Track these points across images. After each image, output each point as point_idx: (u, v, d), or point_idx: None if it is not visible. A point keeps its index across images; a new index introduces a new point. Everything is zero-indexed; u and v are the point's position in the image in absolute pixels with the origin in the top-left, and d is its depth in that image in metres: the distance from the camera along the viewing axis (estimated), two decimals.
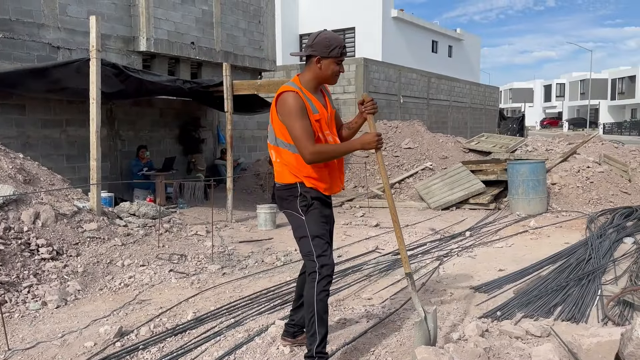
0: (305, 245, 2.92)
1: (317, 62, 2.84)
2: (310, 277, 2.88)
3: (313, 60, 2.85)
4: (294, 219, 2.97)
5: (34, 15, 8.76)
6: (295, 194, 2.93)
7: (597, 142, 13.57)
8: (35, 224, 5.29)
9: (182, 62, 11.39)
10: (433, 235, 7.11)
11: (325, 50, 2.82)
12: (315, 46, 2.83)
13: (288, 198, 2.97)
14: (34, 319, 4.05)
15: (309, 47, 2.85)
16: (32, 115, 8.62)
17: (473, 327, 3.40)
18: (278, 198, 3.08)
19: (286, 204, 2.99)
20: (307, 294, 2.89)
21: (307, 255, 2.91)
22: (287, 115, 2.80)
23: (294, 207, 2.95)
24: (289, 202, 2.97)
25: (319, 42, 2.83)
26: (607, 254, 5.56)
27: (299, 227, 2.95)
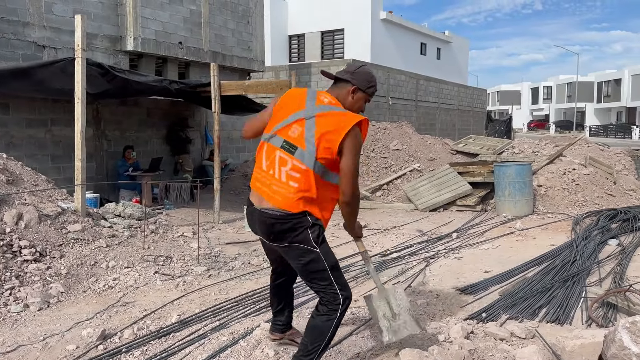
0: (323, 279, 2.69)
1: (352, 91, 2.82)
2: (329, 310, 2.69)
3: (348, 89, 2.82)
4: (303, 252, 2.66)
5: (19, 13, 8.66)
6: (305, 225, 2.63)
7: (583, 144, 13.71)
8: (18, 225, 5.21)
9: (169, 62, 11.32)
10: (420, 237, 7.12)
11: (365, 84, 2.84)
12: (356, 76, 2.83)
13: (297, 229, 2.63)
14: (15, 322, 3.99)
15: (348, 73, 2.85)
16: (17, 115, 8.52)
17: (458, 329, 3.40)
18: (281, 231, 2.65)
19: (293, 236, 2.64)
20: (323, 325, 2.70)
21: (327, 288, 2.69)
22: (354, 150, 2.64)
23: (305, 239, 2.63)
24: (297, 233, 2.63)
25: (361, 73, 2.85)
26: (591, 256, 5.60)
27: (312, 261, 2.66)
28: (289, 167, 2.64)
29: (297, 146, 2.64)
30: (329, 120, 2.66)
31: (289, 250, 2.70)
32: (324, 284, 2.69)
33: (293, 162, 2.63)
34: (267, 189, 2.70)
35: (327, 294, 2.69)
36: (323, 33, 25.20)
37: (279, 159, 2.68)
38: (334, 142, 2.61)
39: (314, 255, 2.66)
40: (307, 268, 2.69)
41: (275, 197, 2.65)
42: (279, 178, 2.66)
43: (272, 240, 2.72)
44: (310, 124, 2.66)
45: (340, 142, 2.61)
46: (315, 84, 17.73)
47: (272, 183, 2.69)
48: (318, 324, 2.72)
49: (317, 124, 2.65)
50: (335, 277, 2.70)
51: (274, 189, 2.67)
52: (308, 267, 2.68)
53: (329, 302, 2.69)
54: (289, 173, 2.64)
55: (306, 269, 2.70)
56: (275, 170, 2.69)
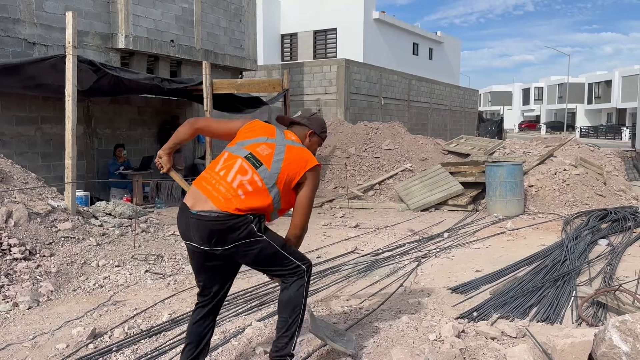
0: (279, 260, 2.74)
1: (309, 134, 3.00)
2: (297, 278, 2.77)
3: (306, 132, 2.99)
4: (250, 245, 2.65)
5: (9, 10, 8.58)
6: (247, 221, 2.62)
7: (573, 145, 13.81)
8: (7, 223, 5.16)
9: (161, 60, 11.27)
10: (412, 237, 7.14)
11: (320, 129, 3.05)
12: (312, 121, 3.03)
13: (239, 227, 2.60)
14: (4, 321, 3.95)
15: (305, 118, 3.03)
16: (6, 112, 8.44)
17: (449, 328, 3.41)
18: (222, 231, 2.58)
19: (237, 235, 2.60)
20: (294, 295, 2.76)
21: (286, 266, 2.76)
22: (313, 188, 2.80)
23: (249, 233, 2.62)
24: (241, 231, 2.61)
25: (317, 119, 3.07)
26: (582, 256, 5.64)
27: (262, 249, 2.68)
28: (247, 178, 2.66)
29: (262, 163, 2.71)
30: (297, 153, 2.80)
31: (236, 250, 2.64)
32: (282, 264, 2.75)
33: (253, 176, 2.67)
34: (211, 187, 2.66)
35: (289, 270, 2.77)
36: (315, 32, 25.18)
37: (240, 166, 2.70)
38: (298, 173, 2.75)
39: (262, 243, 2.67)
40: (260, 257, 2.70)
41: (217, 197, 2.61)
42: (230, 182, 2.65)
43: (214, 245, 2.61)
44: (280, 150, 2.78)
45: (302, 175, 2.75)
46: (308, 83, 17.73)
47: (218, 183, 2.66)
48: (291, 296, 2.77)
49: (286, 152, 2.78)
50: (289, 253, 2.77)
51: (218, 188, 2.64)
52: (260, 256, 2.70)
53: (296, 273, 2.78)
54: (243, 182, 2.65)
55: (259, 259, 2.71)
56: (229, 174, 2.67)
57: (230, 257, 2.73)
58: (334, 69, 17.43)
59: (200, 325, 2.87)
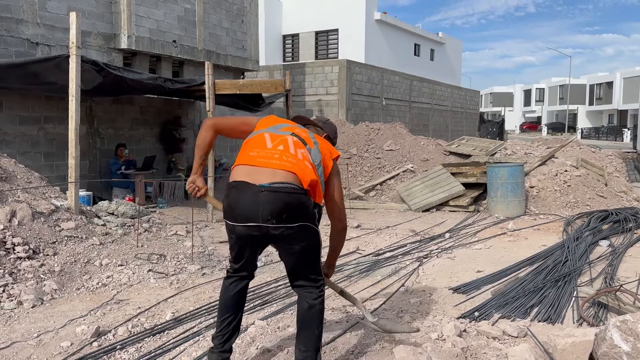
0: (317, 257, 2.68)
1: (325, 137, 3.00)
2: (319, 290, 2.71)
3: (322, 134, 3.00)
4: (310, 232, 2.55)
5: (12, 10, 8.62)
6: (312, 202, 2.56)
7: (575, 146, 13.83)
8: (11, 223, 5.19)
9: (163, 60, 11.31)
10: (413, 237, 7.16)
11: (333, 134, 3.11)
12: (327, 126, 3.09)
13: (308, 205, 2.50)
14: (9, 319, 3.98)
15: (321, 122, 3.10)
16: (9, 112, 8.47)
17: (451, 327, 3.43)
18: (294, 204, 2.45)
19: (306, 213, 2.50)
20: (320, 308, 2.70)
21: (315, 267, 2.69)
22: (340, 177, 2.83)
23: (313, 218, 2.55)
24: (308, 211, 2.50)
25: (331, 125, 3.15)
26: (583, 257, 5.66)
27: (314, 239, 2.60)
28: (304, 150, 2.62)
29: (306, 143, 2.68)
30: (324, 142, 2.82)
31: (297, 232, 2.49)
32: (315, 265, 2.69)
33: (305, 151, 2.62)
34: (278, 160, 2.51)
35: (316, 273, 2.69)
36: (317, 33, 25.21)
37: (294, 141, 2.63)
38: (329, 162, 2.74)
39: (315, 234, 2.61)
40: (310, 248, 2.61)
41: (292, 166, 2.49)
42: (294, 154, 2.55)
43: (283, 221, 2.44)
44: (311, 135, 2.77)
45: (332, 163, 2.75)
46: (309, 84, 17.76)
47: (285, 155, 2.54)
48: (318, 309, 2.69)
49: (317, 138, 2.79)
50: (320, 259, 2.76)
51: (290, 160, 2.52)
52: (311, 247, 2.61)
53: (316, 282, 2.70)
54: (304, 154, 2.59)
55: (307, 248, 2.59)
56: (289, 148, 2.58)
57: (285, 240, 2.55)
58: (335, 70, 17.47)
59: (240, 296, 2.83)
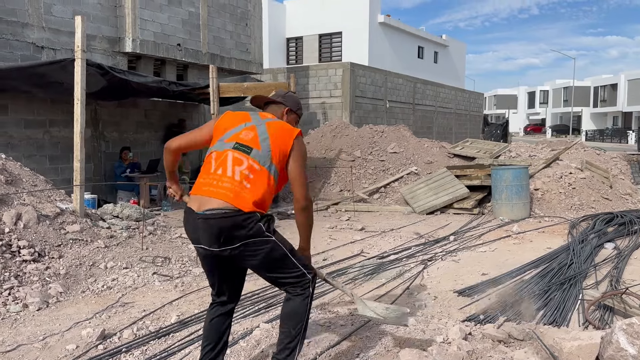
0: (286, 265, 2.66)
1: (286, 112, 2.98)
2: (302, 289, 2.70)
3: (282, 110, 2.97)
4: (259, 244, 2.58)
5: (18, 14, 8.67)
6: (255, 219, 2.56)
7: (579, 148, 13.78)
8: (17, 225, 5.21)
9: (167, 63, 11.34)
10: (417, 240, 7.15)
11: (295, 105, 3.04)
12: (287, 99, 3.02)
13: (247, 225, 2.54)
14: (14, 322, 3.99)
15: (280, 97, 3.01)
16: (15, 115, 8.52)
17: (456, 331, 3.43)
18: (231, 228, 2.52)
19: (246, 232, 2.54)
20: (300, 306, 2.69)
21: (292, 271, 2.68)
22: (303, 156, 2.76)
23: (258, 231, 2.56)
24: (249, 229, 2.54)
25: (292, 96, 3.06)
26: (588, 259, 5.64)
27: (271, 250, 2.60)
28: (245, 166, 2.62)
29: (252, 147, 2.67)
30: (278, 126, 2.78)
31: (243, 250, 2.56)
32: (288, 269, 2.67)
33: (249, 162, 2.63)
34: (215, 188, 2.58)
35: (294, 277, 2.68)
36: (321, 36, 25.26)
37: (233, 158, 2.64)
38: (286, 145, 2.71)
39: (271, 244, 2.60)
40: (267, 259, 2.61)
41: (225, 193, 2.55)
42: (231, 176, 2.59)
43: (222, 244, 2.54)
44: (262, 129, 2.74)
45: (292, 145, 2.72)
46: (313, 87, 17.78)
47: (221, 181, 2.59)
48: (295, 307, 2.70)
49: (269, 129, 2.74)
50: (297, 259, 2.70)
51: (224, 186, 2.57)
52: (268, 257, 2.61)
53: (299, 284, 2.70)
54: (243, 172, 2.60)
55: (266, 261, 2.62)
56: (227, 169, 2.62)
57: (239, 259, 2.65)
58: (339, 73, 17.48)
59: (218, 323, 2.83)
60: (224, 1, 12.42)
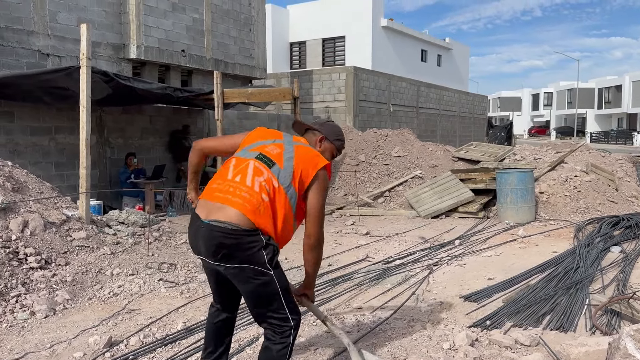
0: (274, 303, 2.47)
1: (320, 140, 2.84)
2: (282, 337, 2.49)
3: (317, 137, 2.84)
4: (255, 274, 2.42)
5: (23, 22, 8.73)
6: (259, 244, 2.40)
7: (584, 151, 13.74)
8: (23, 233, 5.24)
9: (172, 69, 11.40)
10: (423, 244, 7.14)
11: (332, 135, 2.88)
12: (324, 127, 2.90)
13: (250, 248, 2.38)
14: (22, 329, 4.01)
15: (317, 124, 2.92)
16: (21, 122, 8.57)
17: (463, 337, 3.42)
18: (232, 247, 2.38)
19: (246, 255, 2.38)
20: (277, 355, 2.48)
21: (277, 312, 2.48)
22: (324, 189, 2.60)
23: (259, 260, 2.40)
24: (250, 253, 2.39)
25: (330, 126, 2.93)
26: (594, 263, 5.62)
27: (264, 284, 2.43)
28: (264, 178, 2.47)
29: (275, 162, 2.54)
30: (306, 152, 2.62)
31: (238, 273, 2.42)
32: (274, 308, 2.47)
33: (269, 175, 2.48)
34: (230, 195, 2.44)
35: (277, 319, 2.49)
36: (324, 40, 25.30)
37: (254, 168, 2.51)
38: (310, 173, 2.54)
39: (267, 277, 2.42)
40: (257, 291, 2.45)
41: (242, 203, 2.40)
42: (251, 186, 2.44)
43: (219, 260, 2.42)
44: (289, 150, 2.61)
45: (314, 175, 2.55)
46: (317, 91, 17.81)
47: (239, 189, 2.44)
48: (273, 356, 2.49)
49: (296, 151, 2.60)
50: (286, 300, 2.50)
51: (242, 195, 2.42)
52: (257, 290, 2.45)
53: (280, 328, 2.49)
54: (262, 184, 2.44)
55: (255, 293, 2.46)
56: (246, 178, 2.47)
57: (232, 278, 2.50)
58: (342, 77, 17.51)
59: (220, 327, 2.78)
60: (228, 7, 12.47)
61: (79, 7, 9.59)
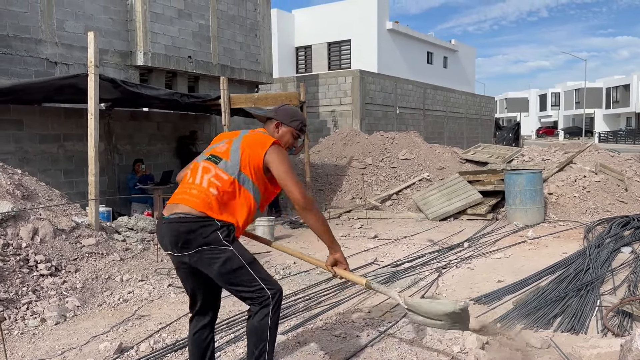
0: (243, 277, 2.57)
1: (276, 125, 2.92)
2: (261, 307, 2.58)
3: (274, 124, 2.92)
4: (215, 253, 2.54)
5: (31, 31, 8.82)
6: (214, 227, 2.56)
7: (593, 151, 13.65)
8: (33, 240, 5.28)
9: (179, 75, 11.46)
10: (431, 247, 7.12)
11: (287, 118, 2.93)
12: (279, 112, 2.95)
13: (205, 231, 2.54)
14: (33, 336, 4.03)
15: (273, 111, 2.98)
16: (30, 130, 8.64)
17: (473, 340, 3.41)
18: (188, 233, 2.54)
19: (202, 239, 2.53)
20: (258, 325, 2.58)
21: (250, 285, 2.57)
22: (282, 161, 2.69)
23: (214, 239, 2.54)
24: (204, 236, 2.53)
25: (284, 109, 2.98)
26: (605, 264, 5.57)
27: (227, 260, 2.54)
28: (212, 174, 2.66)
29: (221, 158, 2.72)
30: (253, 138, 2.77)
31: (200, 257, 2.56)
32: (245, 281, 2.57)
33: (216, 171, 2.67)
34: (185, 195, 2.66)
35: (252, 292, 2.58)
36: (330, 44, 25.36)
37: (202, 168, 2.71)
38: (259, 154, 2.68)
39: (227, 253, 2.55)
40: (223, 269, 2.55)
41: (192, 199, 2.61)
42: (199, 183, 2.66)
43: (180, 249, 2.57)
44: (236, 142, 2.77)
45: (265, 154, 2.67)
46: (323, 95, 17.84)
47: (191, 188, 2.66)
48: (255, 326, 2.60)
49: (242, 142, 2.76)
50: (255, 271, 2.60)
51: (192, 192, 2.64)
52: (224, 268, 2.55)
53: (257, 300, 2.58)
54: (210, 180, 2.65)
55: (222, 271, 2.56)
56: (196, 177, 2.69)
57: (200, 267, 2.61)
58: (348, 80, 17.53)
59: (199, 337, 2.81)
60: (234, 12, 12.53)
61: (86, 15, 9.67)
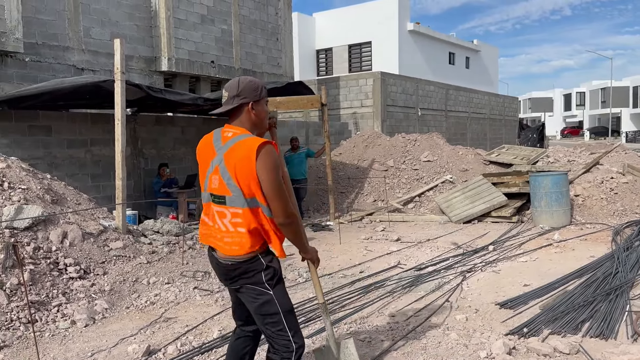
0: (276, 324, 2.60)
1: (251, 107, 2.61)
2: (282, 358, 2.59)
3: (246, 109, 2.62)
4: (257, 294, 2.60)
5: (59, 38, 9.02)
6: (258, 268, 2.58)
7: (620, 151, 13.38)
8: (63, 244, 5.40)
9: (202, 80, 11.59)
10: (455, 250, 7.07)
11: (254, 93, 2.63)
12: (243, 92, 2.61)
13: (249, 272, 2.58)
14: (63, 338, 4.12)
15: (236, 97, 2.61)
16: (58, 136, 8.83)
17: (500, 345, 3.38)
18: (234, 276, 2.61)
19: (245, 279, 2.59)
20: None
21: (279, 334, 2.60)
22: (272, 169, 2.51)
23: (258, 281, 2.58)
24: (250, 275, 2.58)
25: (245, 87, 2.62)
26: (634, 268, 5.46)
27: (265, 303, 2.59)
28: (229, 217, 2.59)
29: (224, 195, 2.58)
30: (235, 154, 2.53)
31: (244, 292, 2.63)
32: (276, 329, 2.59)
33: (229, 211, 2.58)
34: (220, 242, 2.62)
35: (280, 340, 2.60)
36: (350, 46, 25.35)
37: (217, 213, 2.63)
38: (251, 171, 2.49)
39: (267, 297, 2.58)
40: (260, 310, 2.59)
41: (231, 248, 2.58)
42: (226, 230, 2.60)
43: (229, 283, 2.67)
44: (222, 168, 2.57)
45: (256, 170, 2.49)
46: (344, 97, 17.84)
47: (223, 236, 2.61)
48: None
49: (227, 165, 2.54)
50: (288, 322, 2.61)
51: (225, 240, 2.60)
52: (261, 309, 2.59)
53: (280, 350, 2.60)
54: (232, 222, 2.58)
55: (259, 312, 2.60)
56: (218, 223, 2.63)
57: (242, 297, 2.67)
58: (369, 82, 17.49)
59: (238, 345, 2.84)
60: (255, 17, 12.63)
61: (112, 22, 9.86)
